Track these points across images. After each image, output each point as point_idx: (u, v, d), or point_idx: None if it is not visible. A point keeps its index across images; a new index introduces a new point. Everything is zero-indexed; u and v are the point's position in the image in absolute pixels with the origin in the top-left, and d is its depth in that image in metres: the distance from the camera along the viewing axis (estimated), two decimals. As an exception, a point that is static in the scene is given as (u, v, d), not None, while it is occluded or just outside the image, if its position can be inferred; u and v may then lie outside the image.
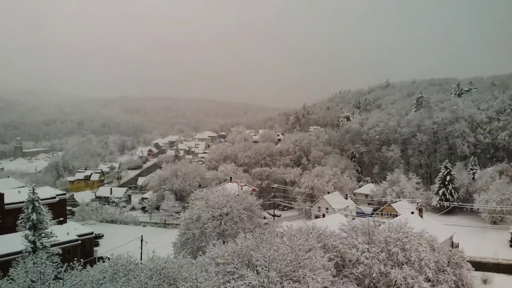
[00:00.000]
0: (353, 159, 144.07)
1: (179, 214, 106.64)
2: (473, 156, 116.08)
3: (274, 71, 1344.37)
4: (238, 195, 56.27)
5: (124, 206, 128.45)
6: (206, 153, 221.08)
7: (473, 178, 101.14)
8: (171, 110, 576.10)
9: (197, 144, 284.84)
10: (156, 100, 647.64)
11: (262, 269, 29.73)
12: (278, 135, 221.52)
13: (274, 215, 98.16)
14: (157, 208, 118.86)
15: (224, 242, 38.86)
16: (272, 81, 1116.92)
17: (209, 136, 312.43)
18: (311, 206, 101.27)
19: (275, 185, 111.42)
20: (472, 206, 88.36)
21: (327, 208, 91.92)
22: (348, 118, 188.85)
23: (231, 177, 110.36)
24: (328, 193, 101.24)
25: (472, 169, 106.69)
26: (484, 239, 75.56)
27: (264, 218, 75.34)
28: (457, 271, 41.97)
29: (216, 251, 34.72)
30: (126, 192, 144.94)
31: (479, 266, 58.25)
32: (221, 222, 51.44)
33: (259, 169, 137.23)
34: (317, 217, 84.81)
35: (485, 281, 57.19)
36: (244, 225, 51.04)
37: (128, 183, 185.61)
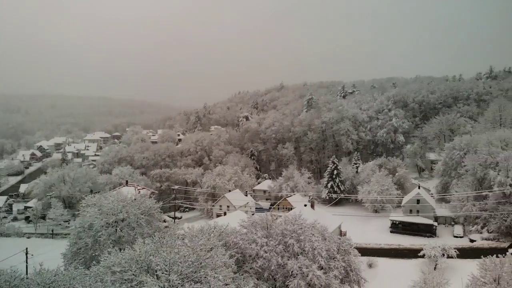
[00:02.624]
0: (252, 157, 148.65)
1: (69, 223, 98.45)
2: (356, 152, 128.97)
3: (174, 69, 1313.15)
4: (135, 199, 53.65)
5: (4, 217, 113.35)
6: (98, 155, 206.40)
7: (357, 172, 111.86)
8: (57, 109, 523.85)
9: (88, 146, 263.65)
10: (39, 98, 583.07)
11: (163, 273, 28.93)
12: (179, 135, 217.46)
13: (174, 218, 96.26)
14: (43, 217, 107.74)
15: (120, 250, 36.87)
16: (173, 79, 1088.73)
17: (101, 137, 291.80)
18: (213, 205, 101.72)
19: (176, 187, 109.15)
20: (357, 197, 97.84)
21: (228, 206, 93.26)
22: (247, 118, 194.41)
23: (127, 181, 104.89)
24: (229, 191, 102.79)
25: (355, 164, 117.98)
26: (368, 226, 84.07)
27: (164, 221, 73.43)
28: (346, 257, 45.87)
29: (112, 259, 32.79)
30: (6, 201, 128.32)
31: (364, 251, 64.71)
32: (116, 229, 48.52)
33: (159, 170, 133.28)
34: (218, 215, 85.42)
35: (370, 265, 63.74)
36: (143, 230, 48.87)
37: (9, 191, 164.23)
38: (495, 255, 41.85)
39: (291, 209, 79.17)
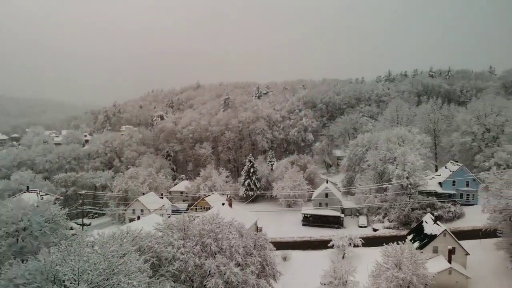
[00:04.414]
0: (168, 158, 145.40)
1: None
2: (271, 150, 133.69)
3: (80, 65, 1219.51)
4: (37, 206, 49.55)
5: None
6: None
7: (272, 169, 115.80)
8: None
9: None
10: None
11: (71, 283, 27.43)
12: (86, 135, 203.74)
13: (83, 225, 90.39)
14: None
15: (23, 261, 33.95)
16: (78, 75, 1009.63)
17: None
18: (125, 210, 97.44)
19: (83, 192, 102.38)
20: (271, 193, 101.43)
21: (142, 210, 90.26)
22: (162, 117, 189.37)
23: (28, 187, 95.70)
24: (143, 194, 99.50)
25: (270, 161, 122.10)
26: (282, 221, 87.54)
27: (72, 229, 68.89)
28: (262, 252, 47.37)
29: (14, 271, 30.57)
30: None
31: (279, 245, 67.39)
32: (17, 239, 44.46)
33: (64, 175, 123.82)
34: (131, 220, 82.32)
35: (284, 258, 66.52)
36: (48, 239, 45.42)
37: None
38: (395, 242, 46.68)
39: (209, 209, 79.26)
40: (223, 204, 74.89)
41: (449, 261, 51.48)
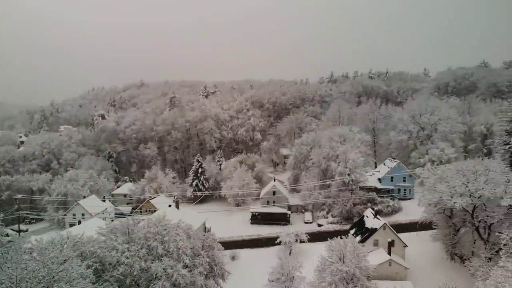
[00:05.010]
0: (110, 159, 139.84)
1: None
2: (219, 149, 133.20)
3: (13, 60, 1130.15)
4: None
5: None
6: None
7: (220, 169, 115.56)
8: None
9: None
10: None
11: (5, 294, 25.58)
12: (21, 136, 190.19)
13: (19, 231, 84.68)
14: None
15: None
16: (11, 70, 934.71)
17: None
18: (65, 214, 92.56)
19: (19, 196, 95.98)
20: (220, 193, 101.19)
21: (83, 214, 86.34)
22: (103, 117, 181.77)
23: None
24: (84, 197, 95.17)
25: (219, 161, 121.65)
26: (231, 220, 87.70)
27: (7, 235, 64.28)
28: (210, 252, 47.22)
29: None
30: None
31: (228, 245, 67.55)
32: None
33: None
34: (72, 225, 78.49)
35: (233, 258, 66.78)
36: (-23, 249, 41.85)
37: None
38: (339, 237, 48.49)
39: (155, 211, 77.47)
40: (169, 206, 73.66)
41: (389, 253, 54.29)
